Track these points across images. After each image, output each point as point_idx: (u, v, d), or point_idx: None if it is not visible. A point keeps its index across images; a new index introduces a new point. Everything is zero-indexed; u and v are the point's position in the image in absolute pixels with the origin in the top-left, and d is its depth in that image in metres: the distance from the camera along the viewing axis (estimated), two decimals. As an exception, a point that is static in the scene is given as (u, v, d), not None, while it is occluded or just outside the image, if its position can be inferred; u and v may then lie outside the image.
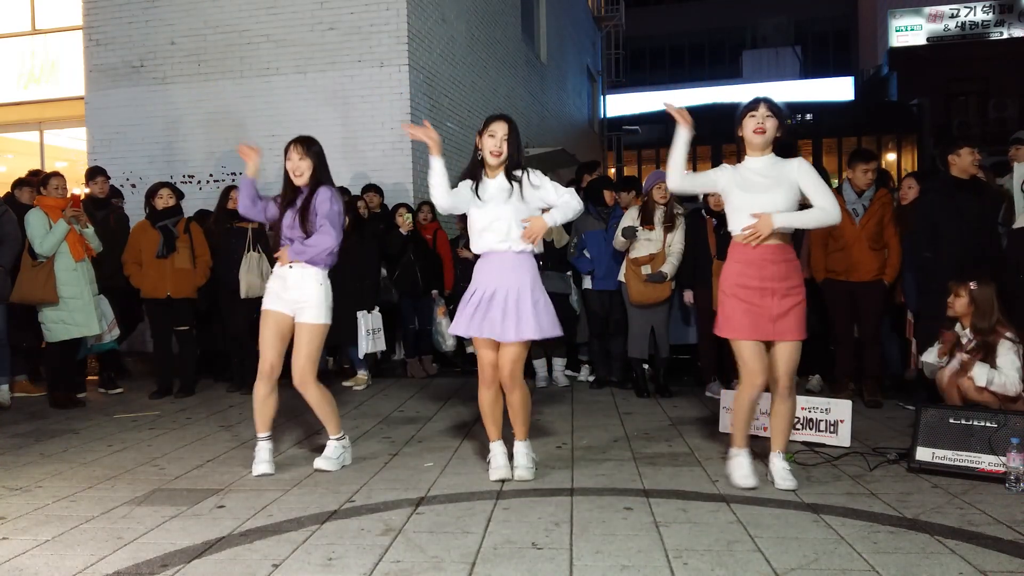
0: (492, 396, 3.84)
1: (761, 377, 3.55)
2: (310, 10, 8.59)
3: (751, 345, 3.54)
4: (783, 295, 3.50)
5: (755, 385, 3.56)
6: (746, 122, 3.56)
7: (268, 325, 3.99)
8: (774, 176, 3.54)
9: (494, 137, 3.72)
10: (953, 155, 5.07)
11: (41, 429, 5.17)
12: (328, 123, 8.45)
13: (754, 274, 3.51)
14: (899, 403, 5.38)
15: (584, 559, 2.76)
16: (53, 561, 2.83)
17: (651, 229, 5.82)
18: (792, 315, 3.51)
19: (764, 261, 3.50)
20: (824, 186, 3.56)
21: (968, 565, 2.65)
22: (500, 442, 3.89)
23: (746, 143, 3.61)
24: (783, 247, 3.54)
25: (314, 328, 3.96)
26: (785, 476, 3.56)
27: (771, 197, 3.50)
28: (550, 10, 15.62)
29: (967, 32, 24.87)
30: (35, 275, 5.76)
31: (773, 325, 3.50)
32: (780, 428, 3.65)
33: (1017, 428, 3.62)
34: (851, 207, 5.48)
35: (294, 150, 3.97)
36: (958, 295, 4.42)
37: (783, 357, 3.55)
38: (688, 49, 34.21)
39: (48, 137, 10.86)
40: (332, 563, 2.77)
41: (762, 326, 3.51)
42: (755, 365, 3.54)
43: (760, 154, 3.59)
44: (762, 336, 3.53)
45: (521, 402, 3.81)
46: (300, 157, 3.96)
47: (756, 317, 3.50)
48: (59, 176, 6.05)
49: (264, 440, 4.01)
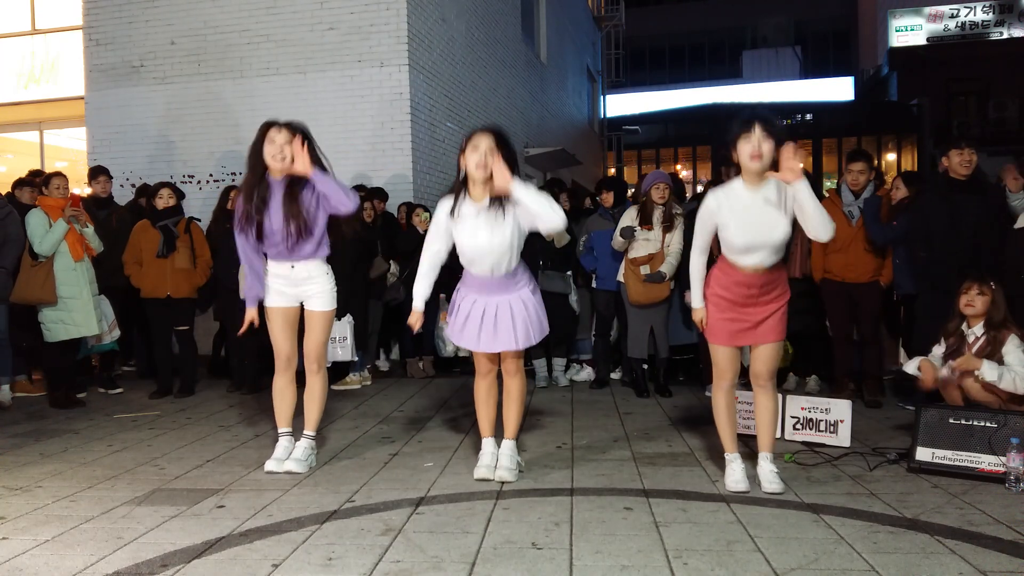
0: (487, 385, 3.86)
1: (731, 375, 3.56)
2: (310, 10, 8.60)
3: (726, 350, 3.54)
4: (767, 303, 3.48)
5: (725, 379, 3.57)
6: (741, 146, 3.29)
7: (276, 321, 4.01)
8: (779, 204, 3.30)
9: (477, 150, 3.48)
10: (944, 157, 5.10)
11: (41, 429, 5.16)
12: (328, 123, 8.45)
13: (742, 292, 3.46)
14: (899, 403, 5.39)
15: (584, 559, 2.76)
16: (53, 561, 2.83)
17: (649, 229, 5.82)
18: (774, 318, 3.48)
19: (753, 284, 3.44)
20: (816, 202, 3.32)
21: (968, 565, 2.65)
22: (492, 440, 3.91)
23: (742, 168, 3.36)
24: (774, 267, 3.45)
25: (325, 315, 4.01)
26: (772, 479, 3.50)
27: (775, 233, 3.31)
28: (550, 10, 15.62)
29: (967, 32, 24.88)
30: (34, 275, 5.76)
31: (755, 330, 3.48)
32: (765, 423, 3.59)
33: (1017, 428, 3.62)
34: (847, 209, 5.49)
35: (279, 131, 3.69)
36: (983, 293, 4.30)
37: (765, 356, 3.53)
38: (688, 49, 34.22)
39: (48, 137, 10.87)
40: (332, 563, 2.77)
41: (742, 334, 3.49)
42: (726, 367, 3.55)
43: (758, 182, 3.32)
44: (741, 343, 3.52)
45: (519, 389, 3.81)
46: (286, 140, 3.67)
47: (736, 326, 3.48)
48: (60, 176, 6.05)
49: (284, 435, 4.06)
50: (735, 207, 3.38)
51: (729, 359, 3.56)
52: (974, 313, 4.34)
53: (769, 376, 3.56)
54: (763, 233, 3.33)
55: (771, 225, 3.32)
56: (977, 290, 4.33)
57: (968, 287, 4.36)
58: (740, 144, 3.31)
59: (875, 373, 5.56)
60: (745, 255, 3.41)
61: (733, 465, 3.61)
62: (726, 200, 3.41)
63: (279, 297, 4.00)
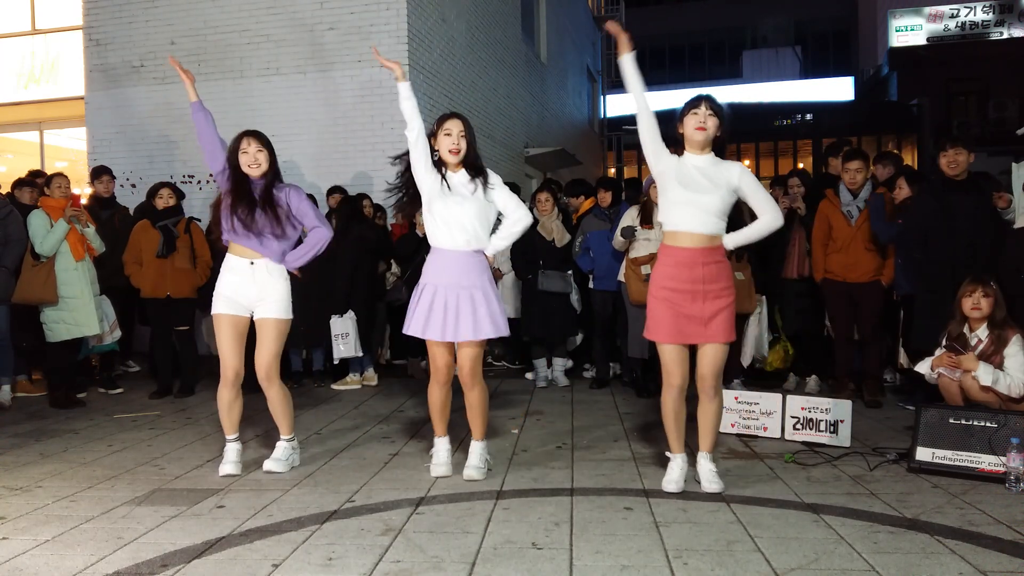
0: (444, 395, 3.93)
1: (679, 378, 3.54)
2: (310, 10, 8.60)
3: (672, 349, 3.52)
4: (714, 297, 3.47)
5: (674, 385, 3.55)
6: (687, 119, 3.52)
7: (224, 330, 3.95)
8: (714, 177, 3.49)
9: (450, 135, 3.73)
10: (939, 157, 5.09)
11: (41, 429, 5.17)
12: (328, 123, 8.46)
13: (685, 276, 3.46)
14: (899, 403, 5.39)
15: (584, 559, 2.76)
16: (53, 561, 2.83)
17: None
18: (721, 317, 3.47)
19: (695, 263, 3.46)
20: (765, 193, 3.56)
21: (968, 565, 2.65)
22: (446, 439, 3.95)
23: (686, 140, 3.56)
24: (714, 249, 3.50)
25: (280, 323, 3.98)
26: (712, 479, 3.54)
27: (710, 198, 3.46)
28: (550, 10, 15.62)
29: (967, 32, 24.85)
30: (35, 275, 5.77)
31: (704, 328, 3.47)
32: (707, 428, 3.60)
33: (1017, 428, 3.62)
34: (846, 208, 5.49)
35: (249, 143, 3.95)
36: (987, 295, 4.29)
37: (709, 358, 3.51)
38: (688, 49, 34.21)
39: (48, 137, 10.87)
40: (332, 563, 2.77)
41: (688, 330, 3.48)
42: (674, 368, 3.53)
43: (700, 152, 3.55)
44: (687, 340, 3.50)
45: (480, 400, 3.86)
46: (258, 150, 3.96)
47: (682, 321, 3.47)
48: (62, 176, 6.06)
49: (232, 442, 4.04)
50: (681, 170, 3.54)
51: (676, 359, 3.53)
52: (981, 316, 4.31)
53: (715, 380, 3.54)
54: (699, 190, 3.47)
55: (706, 189, 3.46)
56: (982, 292, 4.31)
57: (972, 290, 4.34)
58: (687, 118, 3.53)
59: (875, 373, 5.56)
60: (681, 209, 3.48)
61: (672, 465, 3.61)
62: (678, 165, 3.56)
63: (227, 303, 3.96)
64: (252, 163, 3.95)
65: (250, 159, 3.95)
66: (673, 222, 3.53)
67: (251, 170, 3.96)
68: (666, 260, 3.55)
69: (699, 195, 3.46)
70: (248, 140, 3.97)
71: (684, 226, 3.49)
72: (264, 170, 3.97)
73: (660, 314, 3.52)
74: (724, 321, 3.48)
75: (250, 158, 3.95)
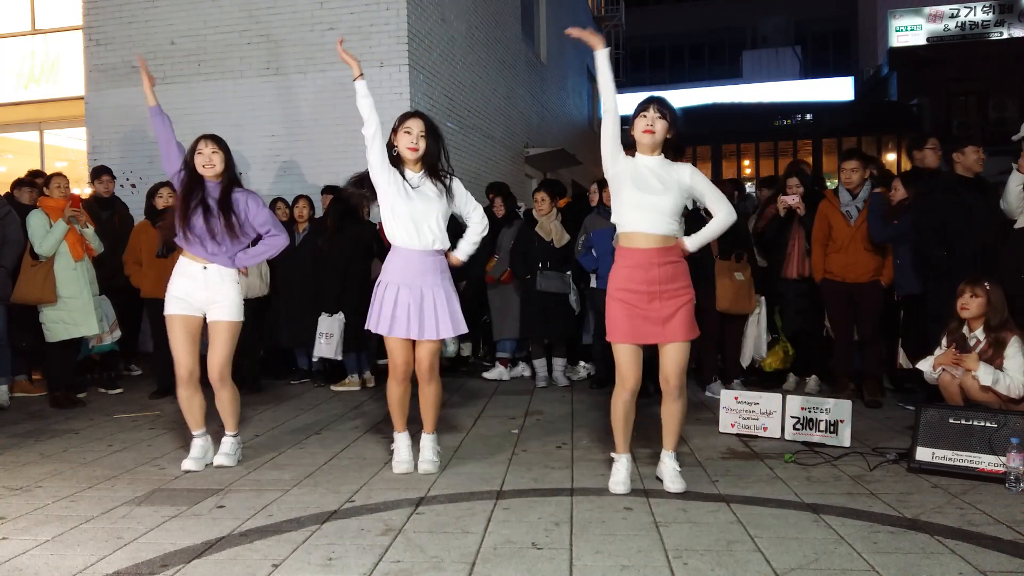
0: (403, 391, 3.99)
1: (632, 381, 3.54)
2: (310, 10, 8.59)
3: (627, 349, 3.52)
4: (671, 296, 3.48)
5: (627, 388, 3.56)
6: (636, 122, 3.52)
7: (177, 330, 4.01)
8: (665, 179, 3.50)
9: (410, 134, 3.80)
10: (958, 153, 5.05)
11: (41, 429, 5.16)
12: (328, 123, 8.45)
13: (641, 277, 3.47)
14: (899, 403, 5.39)
15: (584, 559, 2.76)
16: (53, 561, 2.83)
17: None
18: (679, 316, 3.48)
19: (651, 264, 3.47)
20: (718, 191, 3.58)
21: (968, 565, 2.65)
22: (406, 434, 4.02)
23: (636, 143, 3.56)
24: (669, 249, 3.50)
25: (231, 325, 4.03)
26: (674, 478, 3.55)
27: (663, 199, 3.47)
28: (550, 10, 15.63)
29: (967, 32, 24.85)
30: (34, 275, 5.77)
31: (662, 328, 3.47)
32: (671, 428, 3.62)
33: (1017, 428, 3.62)
34: (845, 209, 5.49)
35: (205, 144, 3.99)
36: (976, 295, 4.31)
37: (671, 358, 3.51)
38: (688, 49, 34.23)
39: (48, 137, 10.85)
40: (332, 563, 2.77)
41: (646, 330, 3.48)
42: (628, 370, 3.53)
43: (650, 154, 3.55)
44: (644, 340, 3.51)
45: (435, 395, 3.96)
46: (213, 151, 3.99)
47: (638, 322, 3.48)
48: (61, 176, 6.06)
49: (199, 437, 4.09)
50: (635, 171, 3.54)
51: (631, 360, 3.53)
52: (969, 316, 4.33)
53: (679, 381, 3.53)
54: (652, 192, 3.47)
55: (658, 191, 3.47)
56: (970, 292, 4.32)
57: (962, 290, 4.36)
58: (636, 121, 3.53)
59: (875, 373, 5.56)
60: (635, 211, 3.49)
61: (618, 466, 3.63)
62: (632, 166, 3.56)
63: (179, 304, 4.00)
64: (207, 163, 3.98)
65: (204, 159, 3.98)
66: (628, 224, 3.54)
67: (205, 170, 3.98)
68: (622, 262, 3.57)
69: (652, 196, 3.47)
70: (205, 142, 4.02)
71: (639, 227, 3.50)
72: (218, 171, 4.00)
73: (617, 315, 3.53)
74: (682, 320, 3.48)
75: (204, 159, 3.98)
